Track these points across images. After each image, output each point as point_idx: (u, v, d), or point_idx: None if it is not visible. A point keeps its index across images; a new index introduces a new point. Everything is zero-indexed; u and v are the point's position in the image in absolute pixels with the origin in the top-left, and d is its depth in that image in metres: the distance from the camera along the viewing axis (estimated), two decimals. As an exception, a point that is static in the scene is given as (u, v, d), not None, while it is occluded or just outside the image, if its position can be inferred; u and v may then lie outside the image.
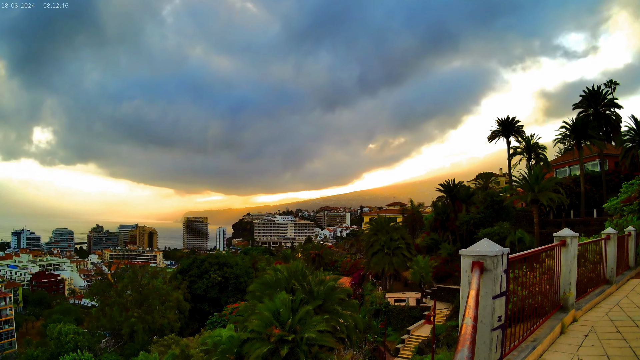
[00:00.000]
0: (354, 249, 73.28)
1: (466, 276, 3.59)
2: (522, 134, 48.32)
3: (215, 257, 51.44)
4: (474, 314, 2.42)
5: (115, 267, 59.44)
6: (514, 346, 4.31)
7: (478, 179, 66.02)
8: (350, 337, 17.07)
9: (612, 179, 35.69)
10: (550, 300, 5.65)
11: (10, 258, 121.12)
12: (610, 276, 8.63)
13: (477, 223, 39.33)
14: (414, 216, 57.63)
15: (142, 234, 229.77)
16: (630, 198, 16.88)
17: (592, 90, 43.74)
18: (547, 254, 5.77)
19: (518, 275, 4.50)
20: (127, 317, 34.63)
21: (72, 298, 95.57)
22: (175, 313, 38.23)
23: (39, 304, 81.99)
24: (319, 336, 14.79)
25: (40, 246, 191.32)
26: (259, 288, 18.61)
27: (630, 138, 31.78)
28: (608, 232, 8.89)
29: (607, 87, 46.98)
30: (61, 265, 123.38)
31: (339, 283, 19.66)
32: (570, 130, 37.62)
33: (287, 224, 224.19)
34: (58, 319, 43.61)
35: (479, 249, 3.64)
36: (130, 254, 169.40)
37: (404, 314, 32.58)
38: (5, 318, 67.62)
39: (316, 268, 34.95)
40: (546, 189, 32.43)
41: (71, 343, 31.86)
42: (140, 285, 38.55)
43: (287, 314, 15.18)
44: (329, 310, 16.89)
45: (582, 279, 7.07)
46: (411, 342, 26.92)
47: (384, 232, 41.92)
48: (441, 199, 50.24)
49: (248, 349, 15.09)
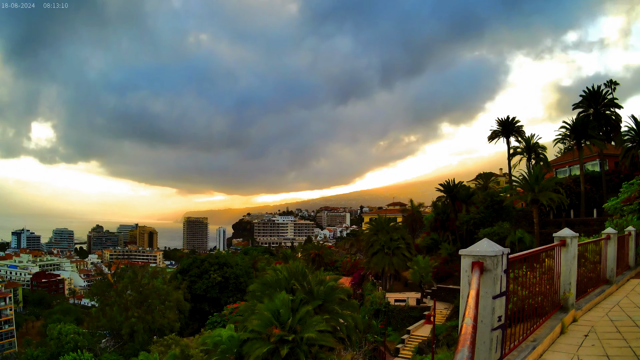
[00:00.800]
0: (354, 249, 73.33)
1: (466, 276, 3.59)
2: (522, 134, 48.37)
3: (215, 257, 51.46)
4: (474, 314, 2.42)
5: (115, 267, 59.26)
6: (514, 346, 4.31)
7: (478, 179, 66.08)
8: (350, 337, 17.06)
9: (612, 179, 35.71)
10: (550, 300, 5.64)
11: (10, 258, 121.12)
12: (610, 276, 8.63)
13: (477, 223, 39.34)
14: (414, 216, 57.64)
15: (142, 234, 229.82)
16: (630, 198, 16.89)
17: (592, 90, 43.76)
18: (547, 254, 5.77)
19: (518, 275, 4.50)
20: (127, 317, 34.61)
21: (72, 298, 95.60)
22: (175, 313, 38.21)
23: (39, 304, 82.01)
24: (319, 336, 14.78)
25: (40, 246, 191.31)
26: (259, 288, 18.59)
27: (630, 138, 31.80)
28: (608, 232, 8.88)
29: (607, 87, 47.02)
30: (61, 265, 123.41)
31: (339, 283, 19.65)
32: (570, 130, 37.64)
33: (287, 224, 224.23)
34: (58, 319, 43.57)
35: (479, 249, 3.64)
36: (130, 254, 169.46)
37: (404, 314, 32.57)
38: (5, 318, 67.63)
39: (316, 268, 34.93)
40: (546, 189, 32.43)
41: (71, 343, 31.85)
42: (140, 285, 38.52)
43: (287, 314, 15.17)
44: (329, 310, 16.88)
45: (582, 279, 7.07)
46: (411, 342, 26.92)
47: (384, 232, 41.91)
48: (441, 199, 50.29)
49: (248, 349, 15.08)
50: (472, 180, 67.81)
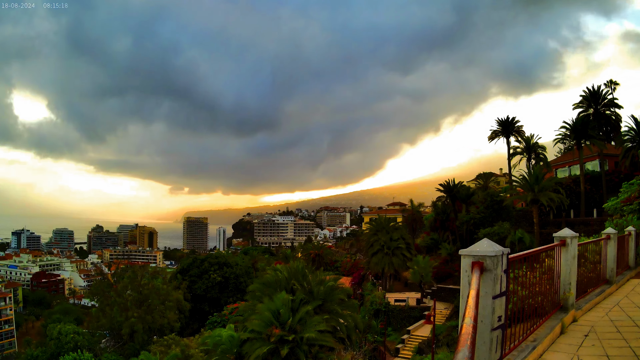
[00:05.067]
0: (354, 249, 73.28)
1: (466, 276, 3.59)
2: (522, 133, 48.39)
3: (215, 257, 51.40)
4: (474, 314, 2.42)
5: (115, 267, 59.35)
6: (514, 346, 4.31)
7: (478, 179, 66.08)
8: (350, 337, 17.06)
9: (612, 179, 35.67)
10: (550, 300, 5.64)
11: (10, 258, 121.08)
12: (610, 276, 8.63)
13: (477, 223, 39.33)
14: (414, 216, 57.65)
15: (142, 234, 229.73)
16: (630, 198, 16.89)
17: (592, 90, 43.80)
18: (547, 254, 5.77)
19: (518, 275, 4.49)
20: (127, 317, 34.58)
21: (72, 298, 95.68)
22: (175, 313, 38.18)
23: (39, 304, 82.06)
24: (319, 336, 14.78)
25: (40, 246, 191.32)
26: (259, 288, 18.59)
27: (630, 138, 31.80)
28: (608, 232, 8.88)
29: (607, 87, 47.03)
30: (61, 265, 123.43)
31: (339, 283, 19.65)
32: (570, 130, 37.65)
33: (287, 224, 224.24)
34: (58, 319, 43.60)
35: (479, 248, 3.64)
36: (130, 254, 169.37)
37: (404, 314, 32.56)
38: (5, 318, 67.68)
39: (316, 268, 34.90)
40: (546, 189, 32.44)
41: (71, 343, 31.81)
42: (140, 285, 38.47)
43: (287, 314, 15.17)
44: (329, 310, 16.87)
45: (582, 279, 7.07)
46: (411, 342, 26.92)
47: (384, 232, 41.91)
48: (441, 199, 50.32)
49: (248, 349, 15.09)
50: (472, 180, 67.80)
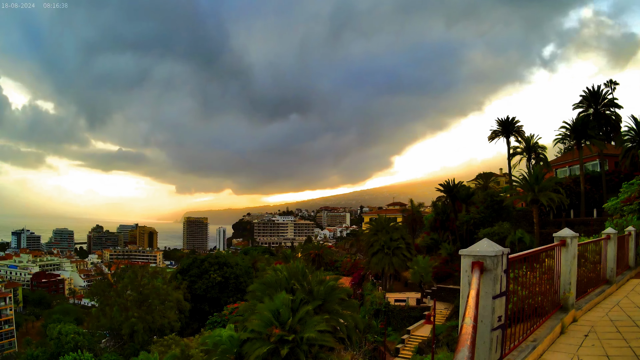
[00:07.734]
0: (354, 249, 73.29)
1: (466, 276, 3.59)
2: (522, 134, 48.38)
3: (215, 257, 51.40)
4: (474, 314, 2.42)
5: (115, 267, 59.41)
6: (514, 346, 4.31)
7: (478, 179, 66.10)
8: (350, 337, 17.05)
9: (612, 179, 35.66)
10: (550, 300, 5.64)
11: (10, 258, 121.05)
12: (610, 276, 8.63)
13: (477, 223, 39.35)
14: (414, 216, 57.59)
15: (142, 234, 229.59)
16: (630, 198, 16.87)
17: (592, 90, 43.79)
18: (547, 254, 5.77)
19: (518, 275, 4.49)
20: (127, 317, 34.60)
21: (72, 298, 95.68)
22: (175, 313, 38.22)
23: (39, 304, 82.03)
24: (319, 336, 14.77)
25: (40, 246, 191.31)
26: (259, 288, 18.57)
27: (630, 138, 31.80)
28: (608, 232, 8.88)
29: (607, 87, 47.04)
30: (61, 265, 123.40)
31: (339, 283, 19.62)
32: (570, 130, 37.63)
33: (287, 224, 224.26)
34: (58, 319, 43.56)
35: (479, 248, 3.64)
36: (130, 254, 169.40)
37: (404, 314, 32.57)
38: (5, 318, 67.64)
39: (316, 268, 34.87)
40: (546, 189, 32.43)
41: (71, 343, 31.81)
42: (140, 285, 38.49)
43: (287, 314, 15.16)
44: (329, 310, 16.86)
45: (582, 279, 7.07)
46: (411, 342, 26.93)
47: (384, 232, 41.91)
48: (441, 199, 50.30)
49: (248, 349, 15.08)
50: (472, 180, 67.82)
